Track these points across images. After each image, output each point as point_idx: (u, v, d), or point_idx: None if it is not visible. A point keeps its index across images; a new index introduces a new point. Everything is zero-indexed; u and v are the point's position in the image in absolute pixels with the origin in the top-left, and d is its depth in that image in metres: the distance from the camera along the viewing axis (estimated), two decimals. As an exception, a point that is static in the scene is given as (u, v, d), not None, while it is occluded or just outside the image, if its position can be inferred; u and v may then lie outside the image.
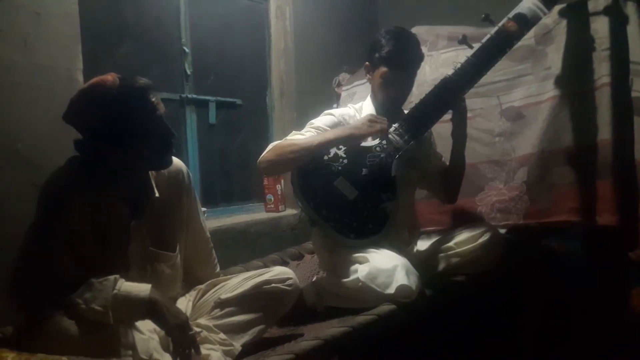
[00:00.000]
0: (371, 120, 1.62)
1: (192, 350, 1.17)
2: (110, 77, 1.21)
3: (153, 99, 1.25)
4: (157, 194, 1.34)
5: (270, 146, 1.66)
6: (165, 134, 1.28)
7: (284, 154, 1.61)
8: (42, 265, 1.13)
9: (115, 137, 1.21)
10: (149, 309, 1.14)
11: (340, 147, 1.66)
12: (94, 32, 2.00)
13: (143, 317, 1.16)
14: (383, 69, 1.71)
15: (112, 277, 1.14)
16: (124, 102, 1.19)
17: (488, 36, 1.68)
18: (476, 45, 1.69)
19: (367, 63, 1.78)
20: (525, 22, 1.68)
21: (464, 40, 1.73)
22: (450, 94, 1.66)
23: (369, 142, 1.67)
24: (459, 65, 1.68)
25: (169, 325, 1.14)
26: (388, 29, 1.75)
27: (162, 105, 1.28)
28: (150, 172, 1.36)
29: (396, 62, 1.69)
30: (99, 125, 1.20)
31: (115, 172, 1.26)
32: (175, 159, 1.42)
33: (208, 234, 1.55)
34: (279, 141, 1.67)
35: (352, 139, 1.62)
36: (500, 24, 1.68)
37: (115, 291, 1.12)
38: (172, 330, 1.15)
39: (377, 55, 1.72)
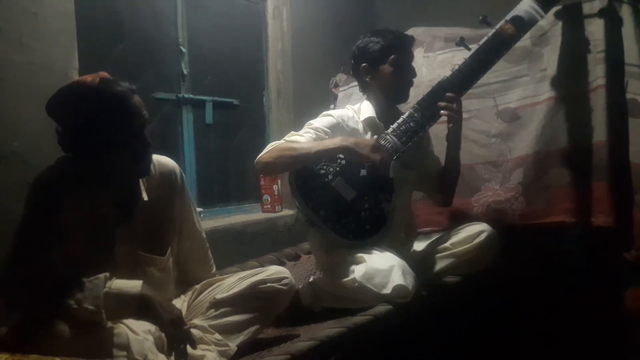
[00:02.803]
0: (375, 147, 1.60)
1: (188, 346, 1.17)
2: (91, 78, 1.20)
3: (129, 107, 1.21)
4: (145, 198, 1.32)
5: (269, 146, 1.65)
6: (138, 144, 1.24)
7: (282, 156, 1.61)
8: (29, 264, 1.13)
9: (82, 138, 1.19)
10: (141, 305, 1.13)
11: (339, 154, 1.66)
12: (90, 31, 1.99)
13: (136, 314, 1.15)
14: (392, 56, 1.73)
15: (102, 276, 1.14)
16: (95, 104, 1.17)
17: (485, 38, 1.69)
18: (473, 47, 1.69)
19: (364, 65, 1.78)
20: (522, 25, 1.69)
21: (462, 42, 1.74)
22: (446, 96, 1.67)
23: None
24: (456, 67, 1.69)
25: (163, 320, 1.14)
26: (367, 32, 1.80)
27: (143, 115, 1.24)
28: None
29: (404, 43, 1.76)
30: (70, 124, 1.20)
31: (101, 174, 1.25)
32: (167, 160, 1.41)
33: (204, 235, 1.54)
34: (278, 142, 1.67)
35: (351, 154, 1.62)
36: (497, 26, 1.69)
37: (106, 289, 1.12)
38: (165, 325, 1.14)
39: (378, 48, 1.74)
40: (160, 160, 1.39)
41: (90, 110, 1.17)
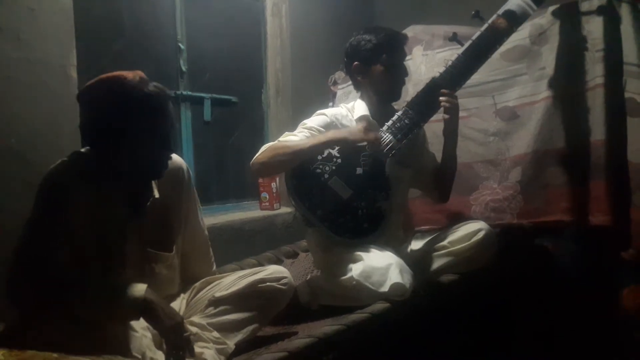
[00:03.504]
0: (365, 128, 1.62)
1: (187, 352, 1.16)
2: (132, 75, 1.20)
3: (163, 109, 1.22)
4: (156, 195, 1.33)
5: (263, 148, 1.65)
6: (162, 146, 1.25)
7: (276, 156, 1.61)
8: (37, 262, 1.12)
9: (110, 131, 1.19)
10: (144, 309, 1.13)
11: (334, 146, 1.66)
12: (88, 27, 1.98)
13: (137, 318, 1.15)
14: (384, 56, 1.73)
15: (107, 277, 1.14)
16: (133, 101, 1.18)
17: (478, 33, 1.70)
18: (467, 43, 1.70)
19: (356, 63, 1.77)
20: (514, 19, 1.69)
21: (455, 38, 1.75)
22: (441, 92, 1.67)
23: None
24: (449, 63, 1.70)
25: (164, 326, 1.13)
26: (360, 30, 1.80)
27: (172, 119, 1.26)
28: None
29: (396, 42, 1.75)
30: (101, 115, 1.19)
31: (118, 171, 1.25)
32: (175, 156, 1.40)
33: (206, 233, 1.54)
34: (272, 143, 1.67)
35: (345, 144, 1.63)
36: (489, 21, 1.70)
37: (110, 291, 1.12)
38: (166, 332, 1.14)
39: (370, 47, 1.73)
40: None
41: (125, 106, 1.17)
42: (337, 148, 1.66)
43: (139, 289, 1.14)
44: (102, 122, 1.19)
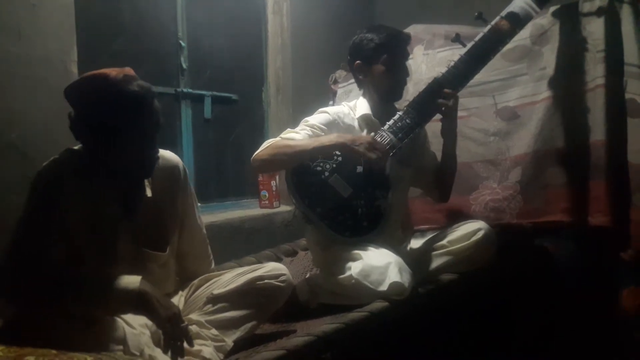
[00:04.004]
0: (372, 145, 1.59)
1: (185, 344, 1.16)
2: (115, 72, 1.19)
3: (144, 108, 1.20)
4: (149, 194, 1.32)
5: (265, 144, 1.65)
6: (145, 146, 1.23)
7: (278, 154, 1.61)
8: (30, 258, 1.12)
9: (92, 129, 1.19)
10: (139, 301, 1.12)
11: (337, 150, 1.66)
12: (89, 24, 1.99)
13: (134, 310, 1.15)
14: (385, 55, 1.72)
15: (101, 271, 1.14)
16: (111, 99, 1.16)
17: (481, 34, 1.70)
18: (469, 44, 1.70)
19: (357, 62, 1.77)
20: (517, 21, 1.70)
21: (457, 39, 1.76)
22: (443, 92, 1.67)
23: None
24: (452, 64, 1.70)
25: (160, 317, 1.13)
26: (363, 28, 1.79)
27: (157, 118, 1.23)
28: None
29: (398, 42, 1.75)
30: (83, 112, 1.20)
31: (104, 168, 1.24)
32: (171, 154, 1.40)
33: (204, 231, 1.53)
34: (274, 139, 1.66)
35: (347, 150, 1.62)
36: (492, 23, 1.70)
37: (105, 284, 1.12)
38: (162, 322, 1.13)
39: (372, 46, 1.73)
40: (164, 155, 1.37)
41: (105, 103, 1.17)
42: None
43: (133, 280, 1.13)
44: (85, 119, 1.19)
